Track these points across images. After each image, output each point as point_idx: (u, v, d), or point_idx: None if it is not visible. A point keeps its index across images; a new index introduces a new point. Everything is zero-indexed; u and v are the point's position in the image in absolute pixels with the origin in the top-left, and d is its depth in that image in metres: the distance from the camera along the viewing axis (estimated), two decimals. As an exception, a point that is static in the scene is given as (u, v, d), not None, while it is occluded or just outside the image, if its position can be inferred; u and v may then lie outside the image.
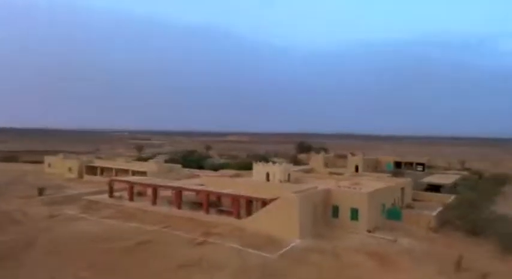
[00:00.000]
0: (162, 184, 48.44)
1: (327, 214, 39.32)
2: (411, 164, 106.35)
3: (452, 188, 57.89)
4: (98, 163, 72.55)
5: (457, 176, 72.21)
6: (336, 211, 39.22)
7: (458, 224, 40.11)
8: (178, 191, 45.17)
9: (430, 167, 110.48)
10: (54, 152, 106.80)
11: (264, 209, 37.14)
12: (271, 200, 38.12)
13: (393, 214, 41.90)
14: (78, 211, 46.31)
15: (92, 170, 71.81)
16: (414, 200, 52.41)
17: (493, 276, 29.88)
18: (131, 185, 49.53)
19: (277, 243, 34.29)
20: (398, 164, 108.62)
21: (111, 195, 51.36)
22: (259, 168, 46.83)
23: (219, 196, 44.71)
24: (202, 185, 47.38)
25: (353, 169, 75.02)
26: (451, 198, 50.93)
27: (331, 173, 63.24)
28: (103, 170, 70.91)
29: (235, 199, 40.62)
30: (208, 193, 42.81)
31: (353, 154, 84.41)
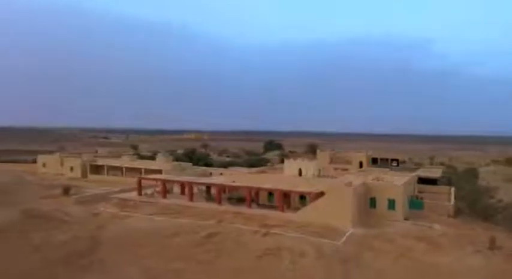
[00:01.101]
0: (198, 181, 50.20)
1: (365, 204, 43.38)
2: (387, 160, 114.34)
3: (447, 181, 64.53)
4: (103, 162, 71.83)
5: (440, 171, 79.64)
6: (373, 202, 43.40)
7: (472, 211, 45.98)
8: (218, 187, 47.26)
9: (402, 162, 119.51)
10: (14, 152, 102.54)
11: (317, 201, 40.45)
12: (318, 193, 41.63)
13: (416, 204, 46.87)
14: (116, 209, 46.88)
15: (96, 169, 71.03)
16: (418, 192, 58.15)
17: (522, 253, 35.48)
18: (164, 182, 50.73)
19: (335, 232, 37.72)
20: (374, 160, 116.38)
21: (140, 193, 52.15)
22: (291, 164, 50.03)
23: (257, 191, 47.35)
24: (233, 181, 49.76)
25: (357, 165, 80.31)
26: (451, 189, 57.08)
27: (339, 169, 67.66)
28: (108, 169, 70.40)
29: (280, 193, 43.56)
30: (250, 189, 45.35)
31: (359, 151, 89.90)
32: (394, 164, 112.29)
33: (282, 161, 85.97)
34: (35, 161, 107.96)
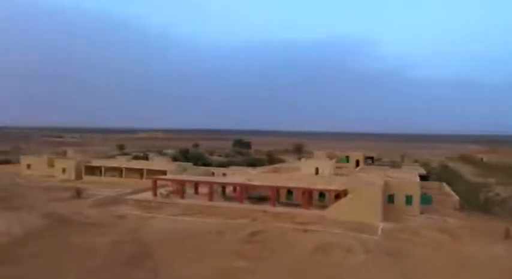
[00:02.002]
0: (217, 181, 50.72)
1: (383, 200, 46.13)
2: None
3: (437, 177, 69.42)
4: (99, 163, 69.64)
5: (420, 168, 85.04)
6: (391, 198, 46.26)
7: (474, 204, 50.22)
8: (240, 186, 48.15)
9: (377, 160, 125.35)
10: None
11: (345, 198, 42.56)
12: (343, 191, 43.89)
13: (425, 199, 50.34)
14: (138, 210, 46.38)
15: (91, 170, 68.78)
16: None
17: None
18: (182, 183, 50.75)
19: (367, 227, 39.92)
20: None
21: (155, 194, 51.69)
22: (308, 163, 51.90)
23: (278, 190, 48.71)
24: (249, 180, 50.82)
25: (354, 163, 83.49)
26: (442, 185, 61.59)
27: (342, 167, 70.36)
28: (105, 170, 68.41)
29: (307, 191, 45.30)
30: (275, 188, 46.66)
31: (355, 150, 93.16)
32: (369, 161, 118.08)
33: (270, 162, 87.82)
34: (2, 162, 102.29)
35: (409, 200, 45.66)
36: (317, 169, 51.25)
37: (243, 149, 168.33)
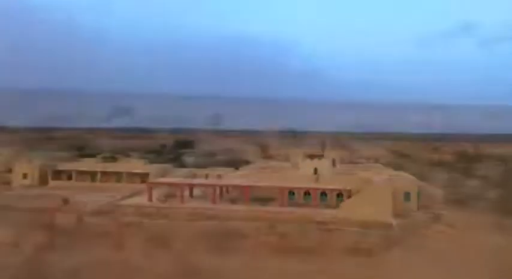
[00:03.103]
0: (220, 183, 49.41)
1: (384, 198, 48.38)
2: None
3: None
4: (67, 166, 63.27)
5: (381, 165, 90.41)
6: (391, 195, 48.65)
7: (452, 198, 54.67)
8: (246, 188, 47.45)
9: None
10: None
11: (357, 197, 43.96)
12: (347, 190, 45.58)
13: (415, 195, 53.63)
14: (142, 217, 43.37)
15: (57, 175, 62.46)
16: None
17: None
18: (182, 187, 48.60)
19: (383, 224, 41.68)
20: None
21: (151, 199, 48.74)
22: (306, 163, 52.63)
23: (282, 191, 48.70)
24: (256, 182, 50.34)
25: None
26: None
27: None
28: (74, 174, 62.54)
29: (314, 191, 46.09)
30: (284, 188, 46.73)
31: (333, 149, 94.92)
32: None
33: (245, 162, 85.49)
34: None
35: (407, 196, 48.42)
36: (315, 169, 52.28)
37: (187, 149, 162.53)
